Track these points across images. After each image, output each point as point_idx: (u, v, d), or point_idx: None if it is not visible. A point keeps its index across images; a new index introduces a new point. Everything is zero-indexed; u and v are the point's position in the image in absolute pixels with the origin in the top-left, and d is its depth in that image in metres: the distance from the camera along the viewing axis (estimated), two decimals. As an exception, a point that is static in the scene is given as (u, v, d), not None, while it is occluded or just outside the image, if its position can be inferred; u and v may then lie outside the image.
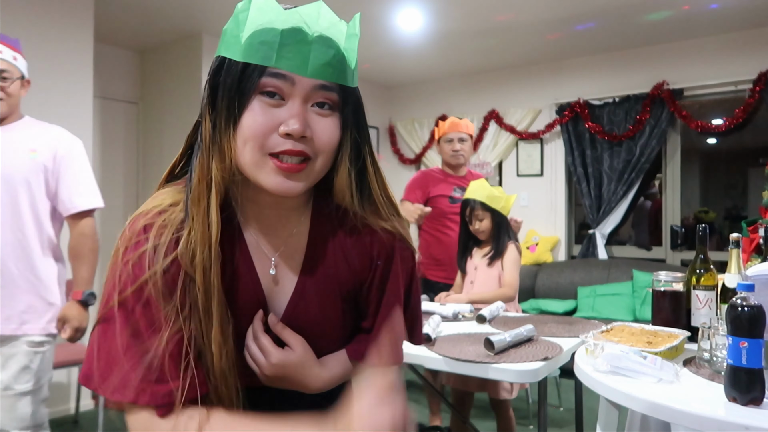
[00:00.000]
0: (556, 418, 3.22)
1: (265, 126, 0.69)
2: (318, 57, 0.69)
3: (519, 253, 2.37)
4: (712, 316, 1.50)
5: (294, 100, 0.69)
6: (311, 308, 0.80)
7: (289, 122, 0.68)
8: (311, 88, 0.70)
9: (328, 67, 0.70)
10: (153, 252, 0.69)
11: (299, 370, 0.78)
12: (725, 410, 1.02)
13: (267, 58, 0.68)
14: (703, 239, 1.58)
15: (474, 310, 2.18)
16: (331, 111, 0.72)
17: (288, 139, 0.69)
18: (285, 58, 0.68)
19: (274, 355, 0.76)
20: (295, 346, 0.78)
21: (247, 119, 0.69)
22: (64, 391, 3.28)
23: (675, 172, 4.44)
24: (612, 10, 3.69)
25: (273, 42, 0.68)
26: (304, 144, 0.70)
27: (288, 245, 0.80)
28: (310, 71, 0.69)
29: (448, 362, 1.60)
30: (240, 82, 0.68)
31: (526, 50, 4.56)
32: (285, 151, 0.69)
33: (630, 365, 1.22)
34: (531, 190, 4.99)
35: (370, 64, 4.97)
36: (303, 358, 0.78)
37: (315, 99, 0.71)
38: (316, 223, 0.81)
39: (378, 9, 3.67)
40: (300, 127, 0.68)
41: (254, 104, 0.69)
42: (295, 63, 0.68)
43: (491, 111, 5.10)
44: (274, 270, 0.79)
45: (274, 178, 0.70)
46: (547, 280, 4.52)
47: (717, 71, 4.12)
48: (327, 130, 0.72)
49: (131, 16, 3.76)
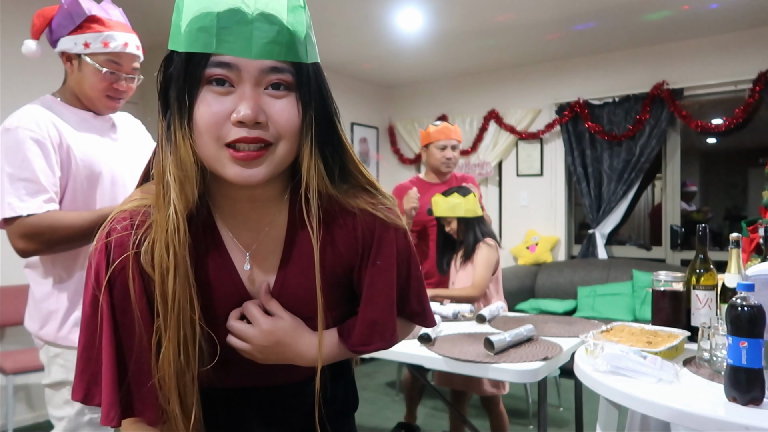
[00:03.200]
0: (556, 418, 3.22)
1: (216, 116, 0.65)
2: (261, 36, 0.64)
3: (495, 250, 2.31)
4: (712, 316, 1.50)
5: (243, 86, 0.66)
6: (294, 300, 0.79)
7: (240, 109, 0.65)
8: (259, 71, 0.65)
9: (275, 45, 0.65)
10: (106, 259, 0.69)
11: (292, 336, 0.77)
12: (725, 410, 1.02)
13: (207, 45, 0.64)
14: (703, 239, 1.58)
15: (474, 309, 2.18)
16: (286, 91, 0.68)
17: (241, 126, 0.65)
18: (225, 41, 0.64)
19: (265, 321, 0.75)
20: (283, 314, 0.77)
21: (198, 112, 0.66)
22: (64, 391, 3.28)
23: (675, 172, 4.44)
24: (612, 10, 3.69)
25: (211, 27, 0.64)
26: (259, 130, 0.66)
27: (266, 237, 0.78)
28: (254, 52, 0.64)
29: (448, 362, 1.60)
30: (186, 74, 0.65)
31: (526, 50, 4.56)
32: (240, 139, 0.66)
33: (630, 365, 1.22)
34: (531, 190, 4.99)
35: (370, 64, 4.97)
36: (294, 323, 0.77)
37: (267, 81, 0.67)
38: (294, 213, 0.78)
39: (378, 9, 3.67)
40: (252, 113, 0.65)
41: (204, 95, 0.66)
42: (237, 46, 0.64)
43: (491, 111, 5.10)
44: (248, 266, 0.77)
45: (232, 168, 0.67)
46: (546, 280, 4.52)
47: (717, 71, 4.12)
48: (283, 112, 0.68)
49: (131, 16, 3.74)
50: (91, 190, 1.47)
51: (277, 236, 0.78)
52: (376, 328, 0.80)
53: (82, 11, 1.45)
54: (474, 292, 2.24)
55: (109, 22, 1.50)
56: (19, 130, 1.37)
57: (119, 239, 0.70)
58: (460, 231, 2.36)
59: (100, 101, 1.51)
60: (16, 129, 1.38)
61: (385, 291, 0.80)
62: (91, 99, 1.51)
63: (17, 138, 1.36)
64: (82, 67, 1.48)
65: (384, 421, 3.19)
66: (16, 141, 1.36)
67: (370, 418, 3.23)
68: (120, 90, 1.52)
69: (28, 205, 1.34)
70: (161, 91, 0.70)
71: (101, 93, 1.50)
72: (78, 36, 1.47)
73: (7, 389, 2.75)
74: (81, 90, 1.51)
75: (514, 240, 5.03)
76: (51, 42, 1.52)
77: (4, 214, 1.35)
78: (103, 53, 1.47)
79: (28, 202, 1.34)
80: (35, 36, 1.52)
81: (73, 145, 1.44)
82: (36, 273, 1.50)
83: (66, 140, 1.43)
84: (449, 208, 2.33)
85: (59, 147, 1.41)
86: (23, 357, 2.86)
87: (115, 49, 1.48)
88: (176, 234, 0.67)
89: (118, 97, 1.53)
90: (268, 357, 0.77)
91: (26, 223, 1.34)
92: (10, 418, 2.79)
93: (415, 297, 0.86)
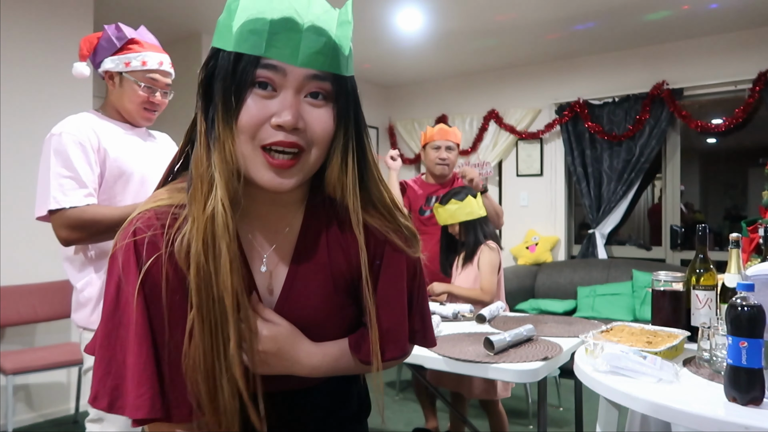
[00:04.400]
0: (556, 418, 3.22)
1: (257, 118, 0.68)
2: (309, 46, 0.67)
3: (496, 253, 2.31)
4: (712, 316, 1.50)
5: (286, 91, 0.68)
6: (302, 301, 0.78)
7: (282, 113, 0.67)
8: (303, 78, 0.68)
9: (320, 55, 0.68)
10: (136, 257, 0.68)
11: (291, 343, 0.76)
12: (725, 410, 1.02)
13: (257, 47, 0.67)
14: (703, 239, 1.58)
15: (473, 310, 2.18)
16: (324, 101, 0.71)
17: (280, 130, 0.68)
18: (275, 47, 0.67)
19: (264, 329, 0.74)
20: (279, 321, 0.76)
21: (241, 111, 0.68)
22: (64, 391, 3.28)
23: (675, 172, 4.44)
24: (612, 10, 3.69)
25: (263, 31, 0.66)
26: (296, 135, 0.69)
27: (281, 240, 0.79)
28: (300, 60, 0.67)
29: (448, 362, 1.60)
30: (234, 73, 0.68)
31: (526, 50, 4.56)
32: (277, 142, 0.68)
33: (630, 365, 1.21)
34: (531, 189, 4.99)
35: (370, 64, 4.97)
36: (291, 330, 0.76)
37: (308, 89, 0.69)
38: (309, 217, 0.80)
39: (378, 9, 3.67)
40: (292, 119, 0.67)
41: (249, 96, 0.68)
42: (285, 52, 0.67)
43: (491, 111, 5.10)
44: (264, 267, 0.78)
45: (265, 174, 0.69)
46: (546, 279, 4.52)
47: (717, 71, 4.12)
48: (320, 120, 0.70)
49: (131, 16, 3.75)
50: (123, 188, 1.66)
51: (290, 240, 0.79)
52: (389, 336, 0.80)
53: (124, 35, 1.69)
54: (486, 297, 2.25)
55: (146, 44, 1.72)
56: (63, 135, 1.58)
57: (151, 238, 0.69)
58: (461, 232, 2.37)
59: (138, 113, 1.72)
60: (61, 134, 1.58)
61: (396, 299, 0.80)
62: (130, 111, 1.72)
63: (62, 141, 1.57)
64: (123, 84, 1.70)
65: (384, 421, 3.19)
66: (61, 144, 1.57)
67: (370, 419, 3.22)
68: (155, 103, 1.73)
69: (70, 199, 1.54)
70: (203, 88, 0.71)
71: (139, 106, 1.71)
72: (120, 57, 1.68)
73: (7, 389, 2.76)
74: (121, 104, 1.71)
75: (514, 240, 5.03)
76: (94, 63, 1.73)
77: (50, 206, 1.54)
78: (141, 71, 1.69)
79: (71, 196, 1.54)
80: (83, 59, 1.74)
81: (108, 148, 1.63)
82: (72, 266, 1.68)
83: (103, 144, 1.63)
84: (450, 216, 2.34)
85: (97, 150, 1.62)
86: (23, 357, 2.86)
87: (151, 67, 1.70)
88: (226, 228, 0.67)
89: (153, 110, 1.75)
90: (267, 364, 0.76)
91: (69, 215, 1.53)
92: (10, 418, 2.79)
93: (419, 314, 0.86)
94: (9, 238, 2.99)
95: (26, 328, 3.16)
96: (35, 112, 3.09)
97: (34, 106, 3.09)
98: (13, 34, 3.01)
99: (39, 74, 3.12)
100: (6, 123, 2.99)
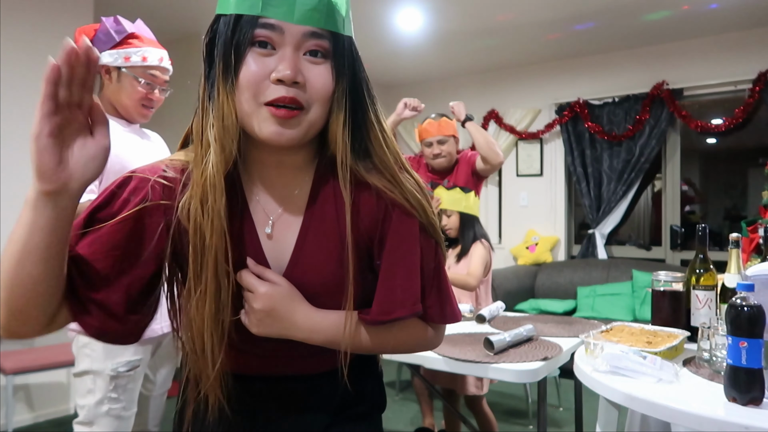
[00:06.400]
0: (556, 418, 3.22)
1: (257, 74, 0.70)
2: (304, 3, 0.70)
3: (488, 252, 2.34)
4: (712, 316, 1.50)
5: (285, 48, 0.70)
6: (312, 266, 0.78)
7: (280, 68, 0.69)
8: (301, 36, 0.70)
9: (315, 12, 0.70)
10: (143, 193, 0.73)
11: (288, 302, 0.75)
12: (725, 410, 1.02)
13: (254, 7, 0.69)
14: (703, 239, 1.58)
15: (474, 309, 2.18)
16: (323, 59, 0.72)
17: (280, 85, 0.69)
18: (271, 5, 0.69)
19: (262, 284, 0.74)
20: (279, 280, 0.76)
21: (242, 71, 0.70)
22: (64, 391, 3.28)
23: (675, 172, 4.44)
24: (612, 10, 3.69)
25: None
26: (296, 89, 0.70)
27: (290, 204, 0.79)
28: (297, 17, 0.69)
29: (448, 362, 1.60)
30: (233, 35, 0.70)
31: (526, 50, 4.56)
32: (278, 98, 0.69)
33: (630, 365, 1.21)
34: (530, 190, 4.99)
35: (370, 64, 4.96)
36: (290, 290, 0.76)
37: (306, 47, 0.71)
38: (318, 182, 0.80)
39: (378, 9, 3.67)
40: (291, 73, 0.69)
41: (248, 55, 0.70)
42: (281, 10, 0.69)
43: (491, 111, 5.10)
44: (270, 229, 0.78)
45: (269, 127, 0.70)
46: (546, 280, 4.52)
47: (717, 71, 4.12)
48: (320, 77, 0.72)
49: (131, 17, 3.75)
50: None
51: (301, 202, 0.80)
52: (398, 295, 0.77)
53: (123, 29, 1.64)
54: (472, 280, 2.25)
55: (145, 39, 1.68)
56: None
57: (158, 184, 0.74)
58: (459, 228, 2.38)
59: (135, 109, 1.68)
60: None
61: (406, 258, 0.78)
62: (127, 107, 1.67)
63: None
64: (121, 79, 1.65)
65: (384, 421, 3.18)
66: None
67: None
68: (153, 99, 1.69)
69: None
70: (206, 53, 0.74)
71: (137, 102, 1.66)
72: (119, 51, 1.64)
73: (7, 389, 2.75)
74: (118, 99, 1.66)
75: (514, 240, 5.03)
76: None
77: None
78: (141, 66, 1.65)
79: None
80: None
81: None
82: None
83: None
84: (452, 201, 2.36)
85: None
86: (23, 357, 2.86)
87: (151, 63, 1.66)
88: (213, 189, 0.70)
89: (151, 106, 1.70)
90: (263, 324, 0.75)
91: None
92: (10, 418, 2.79)
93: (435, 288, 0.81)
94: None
95: (26, 328, 3.15)
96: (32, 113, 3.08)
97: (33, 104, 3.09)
98: (13, 33, 3.01)
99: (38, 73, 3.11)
100: (5, 120, 2.98)
